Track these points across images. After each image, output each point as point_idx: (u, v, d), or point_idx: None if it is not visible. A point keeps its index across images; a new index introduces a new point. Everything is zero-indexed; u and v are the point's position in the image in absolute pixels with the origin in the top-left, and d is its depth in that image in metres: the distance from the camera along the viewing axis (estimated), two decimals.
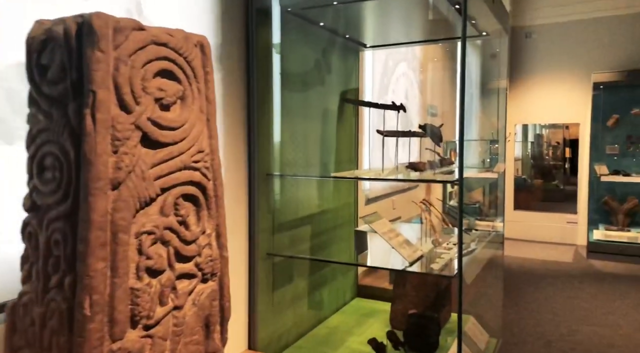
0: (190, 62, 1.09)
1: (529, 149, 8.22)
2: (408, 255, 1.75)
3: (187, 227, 1.10)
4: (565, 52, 6.22)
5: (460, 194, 1.65)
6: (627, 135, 5.85)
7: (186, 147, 1.08)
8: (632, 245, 5.21)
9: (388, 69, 3.28)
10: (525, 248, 6.03)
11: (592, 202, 5.90)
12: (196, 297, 1.12)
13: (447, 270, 1.72)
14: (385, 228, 1.86)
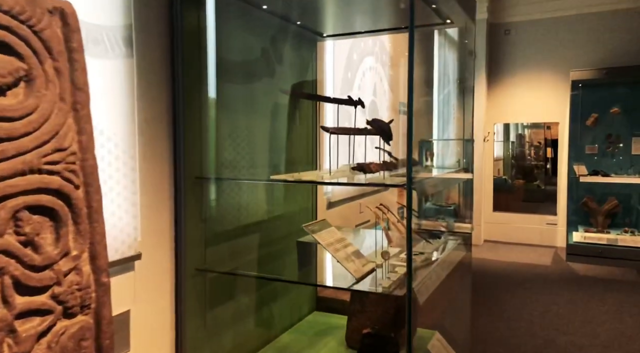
0: (39, 33, 0.84)
1: (510, 149, 8.10)
2: (355, 270, 1.52)
3: (36, 248, 0.84)
4: (544, 49, 6.09)
5: (409, 199, 1.43)
6: (606, 134, 5.73)
7: (33, 145, 0.83)
8: (612, 248, 5.08)
9: (352, 62, 3.05)
10: (504, 251, 5.87)
11: (572, 203, 5.76)
12: (53, 338, 0.87)
13: (398, 288, 1.49)
14: (332, 238, 1.62)
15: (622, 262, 5.02)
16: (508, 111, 6.43)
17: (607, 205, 5.55)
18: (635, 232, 5.28)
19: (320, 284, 1.83)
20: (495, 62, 6.40)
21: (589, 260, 5.17)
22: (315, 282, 1.84)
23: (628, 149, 5.62)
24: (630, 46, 5.57)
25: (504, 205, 6.73)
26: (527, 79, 6.21)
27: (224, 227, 1.86)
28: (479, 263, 5.24)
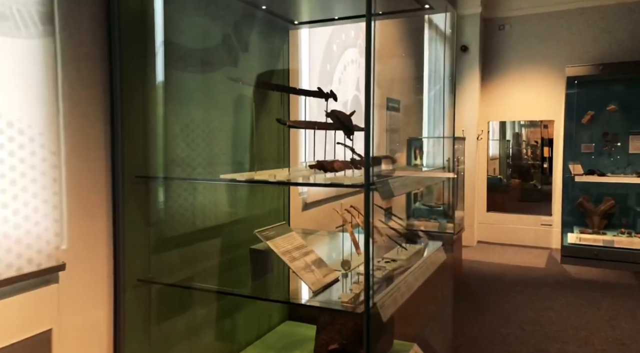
0: None
1: (506, 148, 7.93)
2: (313, 282, 1.33)
3: None
4: (539, 45, 5.91)
5: (367, 202, 1.24)
6: (602, 132, 5.56)
7: None
8: (607, 250, 4.91)
9: (332, 54, 2.87)
10: (498, 252, 5.69)
11: (567, 203, 5.59)
12: None
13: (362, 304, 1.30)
14: (290, 245, 1.43)
15: (618, 265, 4.85)
16: (502, 109, 6.25)
17: (603, 206, 5.38)
18: (632, 233, 5.11)
19: (268, 298, 1.64)
20: (489, 58, 6.21)
21: (584, 262, 5.00)
22: (267, 294, 1.65)
23: (625, 148, 5.45)
24: (627, 42, 5.40)
25: (499, 205, 6.56)
26: (522, 76, 6.04)
27: (175, 233, 1.67)
28: (471, 265, 5.06)
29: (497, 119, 6.38)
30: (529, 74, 5.99)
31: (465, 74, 6.01)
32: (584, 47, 5.62)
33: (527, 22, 5.96)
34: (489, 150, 6.84)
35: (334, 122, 1.58)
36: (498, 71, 6.17)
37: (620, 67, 4.91)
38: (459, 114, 6.11)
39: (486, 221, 6.33)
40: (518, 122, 8.02)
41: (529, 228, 6.10)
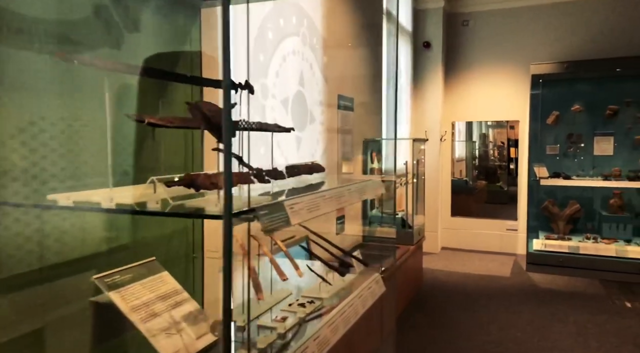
0: None
1: (473, 149, 7.71)
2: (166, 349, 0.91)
3: None
4: (504, 41, 5.67)
5: (225, 242, 0.82)
6: (567, 133, 5.36)
7: None
8: (573, 256, 4.68)
9: (267, 42, 2.45)
10: (462, 259, 5.41)
11: (532, 208, 5.36)
12: None
13: None
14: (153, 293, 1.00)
15: (584, 272, 4.63)
16: (467, 109, 5.99)
17: (568, 210, 5.17)
18: (597, 238, 4.91)
19: None
20: (453, 55, 5.94)
21: (550, 270, 4.77)
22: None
23: (590, 149, 5.27)
24: (593, 39, 5.21)
25: (464, 208, 6.30)
26: (487, 74, 5.79)
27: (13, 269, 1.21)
28: (433, 275, 4.74)
29: (461, 119, 6.11)
30: (494, 72, 5.75)
31: (427, 71, 5.71)
32: (550, 45, 5.41)
33: (492, 18, 5.71)
34: (455, 151, 6.58)
35: (195, 118, 1.16)
36: (462, 69, 5.90)
37: (585, 65, 4.70)
38: (421, 114, 5.81)
39: (451, 226, 6.05)
40: (485, 123, 7.82)
41: (494, 233, 5.86)
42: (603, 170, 5.11)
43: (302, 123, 2.84)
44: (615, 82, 5.09)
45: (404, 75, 5.21)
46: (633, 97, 5.00)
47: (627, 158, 5.09)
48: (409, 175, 4.31)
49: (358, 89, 3.87)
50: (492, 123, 8.00)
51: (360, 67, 3.91)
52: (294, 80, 2.75)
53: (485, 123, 7.90)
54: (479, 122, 7.38)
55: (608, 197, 5.05)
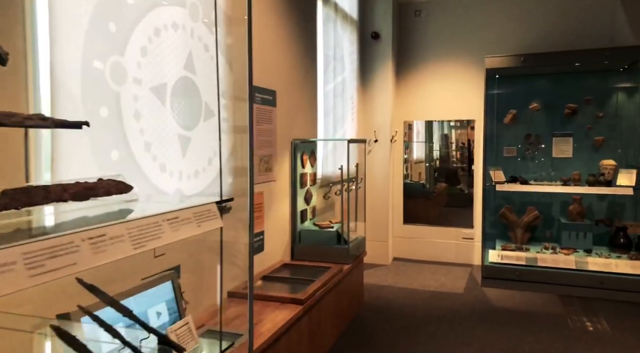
0: None
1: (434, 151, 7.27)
2: None
3: None
4: (460, 33, 5.21)
5: None
6: (525, 134, 4.95)
7: None
8: (530, 270, 4.25)
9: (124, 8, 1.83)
10: (414, 272, 4.91)
11: (489, 214, 4.93)
12: None
13: None
14: None
15: (543, 287, 4.21)
16: (420, 107, 5.51)
17: (526, 217, 4.76)
18: (556, 248, 4.51)
19: None
20: (405, 48, 5.45)
21: (506, 285, 4.33)
22: None
23: (549, 151, 4.88)
24: (551, 31, 4.82)
25: (420, 215, 5.83)
26: (442, 69, 5.32)
27: None
28: (378, 293, 4.22)
29: (414, 118, 5.63)
30: (450, 67, 5.29)
31: (376, 65, 5.19)
32: (507, 37, 4.99)
33: (447, 8, 5.25)
34: (414, 153, 6.12)
35: None
36: (415, 63, 5.41)
37: (542, 58, 4.28)
38: (370, 112, 5.29)
39: (403, 235, 5.56)
40: (448, 123, 7.39)
41: (449, 242, 5.40)
42: (562, 174, 4.73)
43: (191, 119, 2.23)
44: (575, 78, 4.71)
45: (348, 68, 4.67)
46: (593, 95, 4.63)
47: (586, 161, 4.72)
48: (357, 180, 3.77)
49: (283, 81, 3.29)
50: (454, 123, 7.61)
51: (285, 55, 3.32)
52: (177, 63, 2.13)
53: (448, 123, 7.50)
54: (440, 122, 6.94)
55: (567, 202, 4.67)
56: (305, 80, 3.62)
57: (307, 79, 3.65)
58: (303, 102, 3.59)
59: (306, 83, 3.65)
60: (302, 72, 3.56)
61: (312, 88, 3.77)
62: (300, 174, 3.46)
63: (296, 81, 3.48)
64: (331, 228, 3.44)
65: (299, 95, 3.52)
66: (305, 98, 3.62)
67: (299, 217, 3.46)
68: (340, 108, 4.45)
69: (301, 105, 3.57)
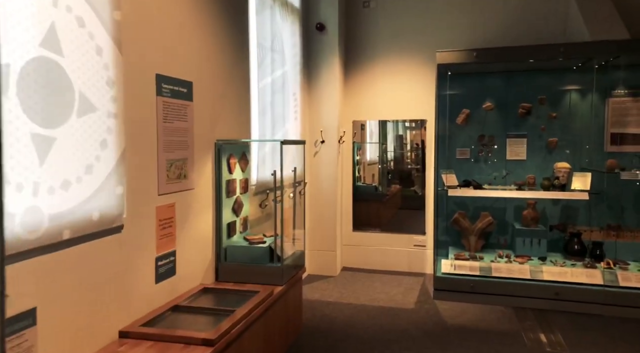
0: None
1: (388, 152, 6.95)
2: None
3: None
4: (412, 27, 4.88)
5: None
6: (479, 135, 4.68)
7: None
8: (484, 281, 3.97)
9: None
10: (363, 284, 4.53)
11: (441, 220, 4.62)
12: None
13: None
14: None
15: (497, 299, 3.93)
16: (369, 106, 5.14)
17: (480, 223, 4.49)
18: (511, 256, 4.26)
19: None
20: (353, 42, 5.06)
21: (459, 297, 4.02)
22: None
23: (503, 153, 4.63)
24: (507, 26, 4.57)
25: (373, 220, 5.47)
26: (393, 65, 4.97)
27: None
28: (322, 311, 3.79)
29: (364, 117, 5.25)
30: (401, 63, 4.94)
31: (322, 59, 4.77)
32: (461, 32, 4.70)
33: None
34: (367, 154, 5.76)
35: None
36: (364, 58, 5.04)
37: (496, 54, 4.00)
38: (316, 110, 4.86)
39: (353, 242, 5.17)
40: (403, 123, 7.08)
41: (401, 250, 5.07)
42: (517, 178, 4.49)
43: (55, 114, 1.69)
44: (529, 76, 4.49)
45: (290, 62, 4.21)
46: (547, 93, 4.42)
47: (540, 163, 4.51)
48: (294, 185, 3.31)
49: (203, 71, 2.79)
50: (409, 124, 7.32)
51: (207, 41, 2.82)
52: (29, 38, 1.59)
53: (403, 123, 7.21)
54: (395, 122, 6.62)
55: (522, 207, 4.43)
56: (233, 73, 3.13)
57: (236, 71, 3.16)
58: (231, 97, 3.10)
59: (235, 76, 3.16)
60: (228, 62, 3.07)
61: (244, 82, 3.29)
62: (226, 180, 2.97)
63: (221, 73, 2.99)
64: (262, 244, 2.97)
65: (225, 89, 3.03)
66: (233, 92, 3.14)
67: (226, 230, 2.97)
68: (280, 105, 3.98)
69: (228, 101, 3.07)
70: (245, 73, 3.31)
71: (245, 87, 3.31)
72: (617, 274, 3.77)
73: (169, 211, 2.43)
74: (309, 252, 4.91)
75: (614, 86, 4.18)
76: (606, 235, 4.20)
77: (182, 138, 2.55)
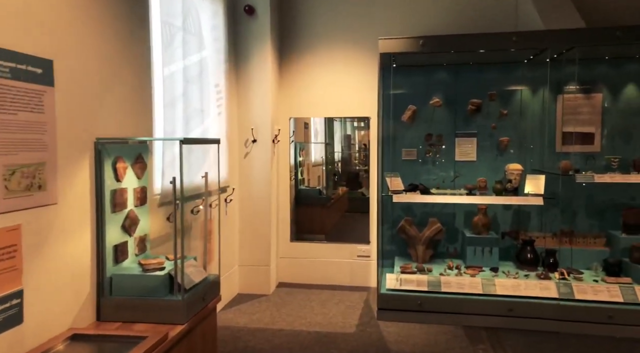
0: None
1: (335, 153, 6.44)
2: None
3: None
4: (353, 12, 4.39)
5: None
6: (426, 134, 4.28)
7: None
8: (433, 298, 3.54)
9: None
10: (299, 303, 3.98)
11: (385, 228, 4.18)
12: None
13: None
14: None
15: (448, 318, 3.51)
16: (309, 101, 4.60)
17: (428, 230, 4.07)
18: (461, 267, 3.87)
19: None
20: (288, 28, 4.50)
21: (406, 318, 3.57)
22: None
23: (452, 153, 4.25)
24: (457, 13, 4.18)
25: (317, 226, 4.95)
26: (334, 56, 4.46)
27: None
28: (246, 344, 3.20)
29: (303, 114, 4.71)
30: (343, 53, 4.44)
31: (252, 47, 4.18)
32: (407, 19, 4.27)
33: None
34: (312, 155, 5.24)
35: None
36: (302, 47, 4.49)
37: (444, 42, 3.58)
38: (245, 105, 4.26)
39: (291, 254, 4.62)
40: (351, 123, 6.59)
41: (343, 262, 4.57)
42: (466, 180, 4.11)
43: None
44: (479, 70, 4.13)
45: (210, 47, 3.58)
46: (497, 89, 4.08)
47: (492, 165, 4.17)
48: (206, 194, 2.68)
49: (73, 48, 2.12)
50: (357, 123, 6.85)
51: (79, 7, 2.15)
52: None
53: (352, 123, 6.73)
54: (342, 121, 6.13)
55: (472, 212, 4.06)
56: (125, 53, 2.47)
57: (128, 51, 2.50)
58: (118, 83, 2.44)
59: (127, 57, 2.50)
60: (117, 39, 2.41)
61: (141, 65, 2.63)
62: (112, 190, 2.31)
63: (105, 51, 2.32)
64: (160, 270, 2.34)
65: (111, 73, 2.37)
66: (122, 77, 2.47)
67: (112, 255, 2.31)
68: (196, 98, 3.35)
69: (117, 89, 2.41)
70: (142, 54, 2.65)
71: (143, 73, 2.66)
72: (572, 286, 3.46)
73: (9, 237, 1.75)
74: (238, 268, 4.30)
75: (566, 81, 3.90)
76: (559, 241, 3.91)
77: (34, 135, 1.87)
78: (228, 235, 4.08)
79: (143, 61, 2.65)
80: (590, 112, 3.95)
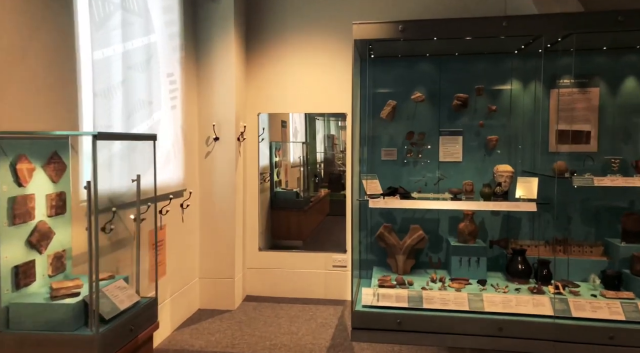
0: None
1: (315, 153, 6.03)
2: None
3: None
4: None
5: None
6: (407, 132, 3.88)
7: None
8: (414, 316, 3.13)
9: None
10: (266, 321, 3.55)
11: (363, 236, 3.77)
12: None
13: None
14: None
15: (430, 339, 3.11)
16: (279, 96, 4.17)
17: (409, 238, 3.67)
18: (445, 280, 3.48)
19: None
20: (257, 14, 4.06)
21: (384, 338, 3.16)
22: None
23: (435, 153, 3.86)
24: None
25: (294, 231, 4.55)
26: (306, 45, 4.04)
27: None
28: None
29: (272, 109, 4.28)
30: (316, 42, 4.03)
31: (214, 34, 3.74)
32: (393, 3, 3.87)
33: None
34: (290, 155, 4.84)
35: None
36: (271, 35, 4.06)
37: (427, 28, 3.18)
38: (205, 98, 3.81)
39: (259, 265, 4.19)
40: (336, 121, 6.15)
41: (317, 272, 4.15)
42: (451, 183, 3.73)
43: None
44: (465, 62, 3.75)
45: (160, 31, 3.14)
46: (485, 82, 3.70)
47: (479, 166, 3.79)
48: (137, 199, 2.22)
49: None
50: (342, 123, 6.44)
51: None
52: None
53: (336, 122, 6.32)
54: (326, 120, 5.71)
55: (458, 218, 3.68)
56: (34, 25, 2.01)
57: (41, 23, 2.05)
58: (29, 63, 1.98)
59: (39, 30, 2.04)
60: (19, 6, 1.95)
61: (61, 45, 2.17)
62: (10, 197, 1.85)
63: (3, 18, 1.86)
64: (74, 296, 1.88)
65: (11, 47, 1.91)
66: (34, 57, 2.02)
67: (12, 278, 1.85)
68: (142, 88, 2.89)
69: (23, 68, 1.96)
70: (64, 31, 2.20)
71: (64, 53, 2.20)
72: (569, 302, 3.08)
73: None
74: (199, 280, 3.85)
75: (561, 74, 3.54)
76: (553, 251, 3.54)
77: None
78: (187, 245, 3.63)
79: (63, 39, 2.20)
80: (587, 108, 3.59)
